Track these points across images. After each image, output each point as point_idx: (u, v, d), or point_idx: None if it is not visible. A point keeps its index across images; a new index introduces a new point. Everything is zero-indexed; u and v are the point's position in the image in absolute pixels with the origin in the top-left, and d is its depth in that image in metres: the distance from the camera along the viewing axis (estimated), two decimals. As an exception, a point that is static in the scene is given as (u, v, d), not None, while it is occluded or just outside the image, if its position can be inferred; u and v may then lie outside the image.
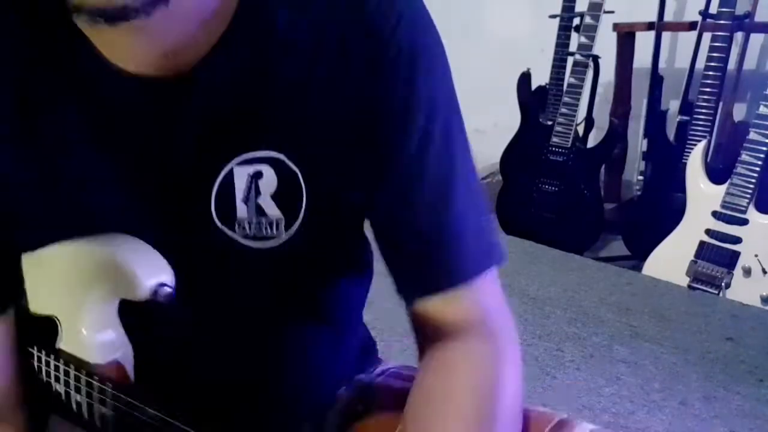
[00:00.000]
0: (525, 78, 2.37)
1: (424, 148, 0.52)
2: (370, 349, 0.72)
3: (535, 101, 2.32)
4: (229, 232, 0.53)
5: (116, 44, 0.48)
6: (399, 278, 0.56)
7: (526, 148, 2.28)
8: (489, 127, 2.74)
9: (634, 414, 1.35)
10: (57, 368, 0.54)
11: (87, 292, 0.52)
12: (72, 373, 0.53)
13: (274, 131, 0.51)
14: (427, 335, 0.56)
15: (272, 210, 0.52)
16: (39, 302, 0.55)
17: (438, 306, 0.55)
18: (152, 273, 0.50)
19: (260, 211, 0.52)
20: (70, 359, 0.53)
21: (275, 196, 0.52)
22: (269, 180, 0.52)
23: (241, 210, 0.52)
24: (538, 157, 2.22)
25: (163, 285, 0.50)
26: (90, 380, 0.52)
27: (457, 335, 0.54)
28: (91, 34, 0.48)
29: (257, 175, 0.51)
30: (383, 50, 0.50)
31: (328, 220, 0.54)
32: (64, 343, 0.54)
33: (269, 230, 0.53)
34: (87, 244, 0.52)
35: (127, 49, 0.48)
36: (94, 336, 0.52)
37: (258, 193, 0.52)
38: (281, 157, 0.51)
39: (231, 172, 0.51)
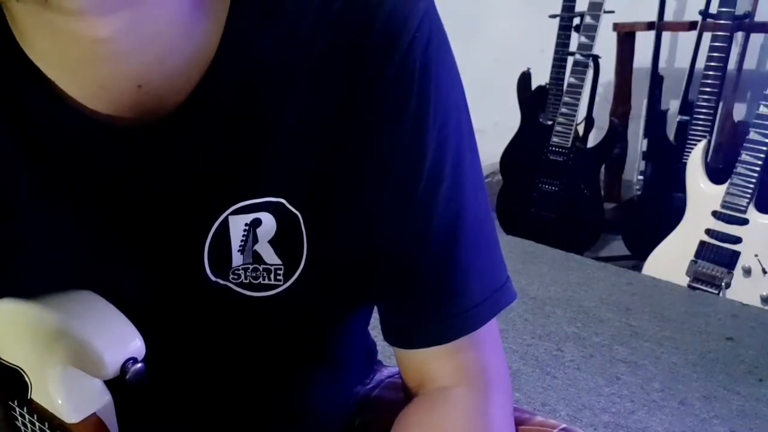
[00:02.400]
0: (525, 78, 2.37)
1: (433, 185, 0.47)
2: (371, 352, 0.69)
3: (535, 101, 2.32)
4: (222, 282, 0.48)
5: (80, 75, 0.40)
6: (393, 325, 0.51)
7: (526, 148, 2.28)
8: (489, 127, 2.74)
9: (634, 414, 1.35)
10: (32, 423, 0.47)
11: (50, 354, 0.46)
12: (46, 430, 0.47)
13: (273, 175, 0.45)
14: (416, 379, 0.52)
15: (271, 257, 0.48)
16: (6, 350, 0.49)
17: (434, 356, 0.50)
18: (119, 348, 0.43)
19: (258, 259, 0.47)
20: (44, 413, 0.46)
21: (274, 242, 0.47)
22: (268, 226, 0.47)
23: (237, 259, 0.47)
24: (538, 157, 2.22)
25: (133, 361, 0.43)
26: None
27: (450, 383, 0.51)
28: (48, 66, 0.40)
29: (255, 223, 0.46)
30: (394, 85, 0.44)
31: (331, 266, 0.49)
32: (35, 395, 0.47)
33: (267, 278, 0.48)
34: (47, 306, 0.45)
35: (94, 80, 0.40)
36: (63, 396, 0.45)
37: (255, 240, 0.47)
38: (281, 201, 0.46)
39: (226, 222, 0.46)
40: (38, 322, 0.45)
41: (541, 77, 2.35)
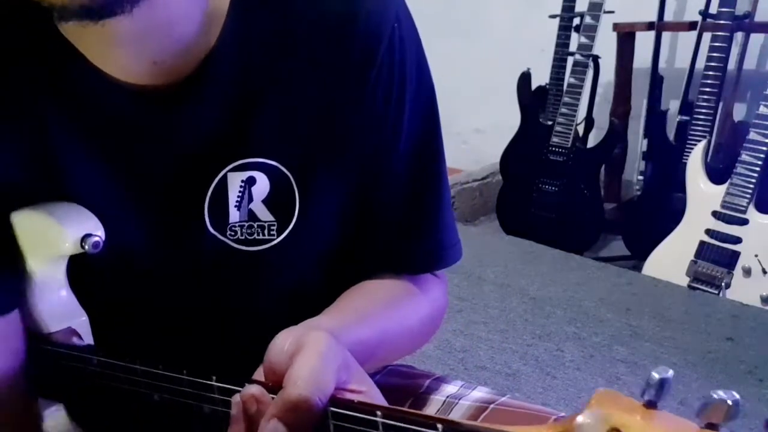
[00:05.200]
0: (525, 78, 2.36)
1: (414, 146, 0.56)
2: None
3: (535, 101, 2.32)
4: (221, 237, 0.54)
5: (105, 54, 0.48)
6: (368, 259, 0.59)
7: (526, 148, 2.28)
8: (489, 127, 2.74)
9: (634, 414, 1.35)
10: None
11: (28, 260, 0.53)
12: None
13: (267, 139, 0.52)
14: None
15: (264, 215, 0.54)
16: None
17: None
18: (77, 225, 0.51)
19: (252, 217, 0.54)
20: (29, 334, 0.53)
21: (267, 202, 0.53)
22: (262, 186, 0.53)
23: (234, 215, 0.53)
24: (538, 157, 2.22)
25: (89, 235, 0.51)
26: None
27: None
28: (82, 46, 0.48)
29: (250, 181, 0.53)
30: (374, 61, 0.52)
31: (320, 222, 0.56)
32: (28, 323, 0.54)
33: (261, 234, 0.54)
34: (22, 212, 0.53)
35: (116, 58, 0.48)
36: (40, 304, 0.54)
37: (251, 199, 0.53)
38: (274, 163, 0.52)
39: (225, 178, 0.52)
40: (18, 228, 0.53)
41: (541, 77, 2.34)
